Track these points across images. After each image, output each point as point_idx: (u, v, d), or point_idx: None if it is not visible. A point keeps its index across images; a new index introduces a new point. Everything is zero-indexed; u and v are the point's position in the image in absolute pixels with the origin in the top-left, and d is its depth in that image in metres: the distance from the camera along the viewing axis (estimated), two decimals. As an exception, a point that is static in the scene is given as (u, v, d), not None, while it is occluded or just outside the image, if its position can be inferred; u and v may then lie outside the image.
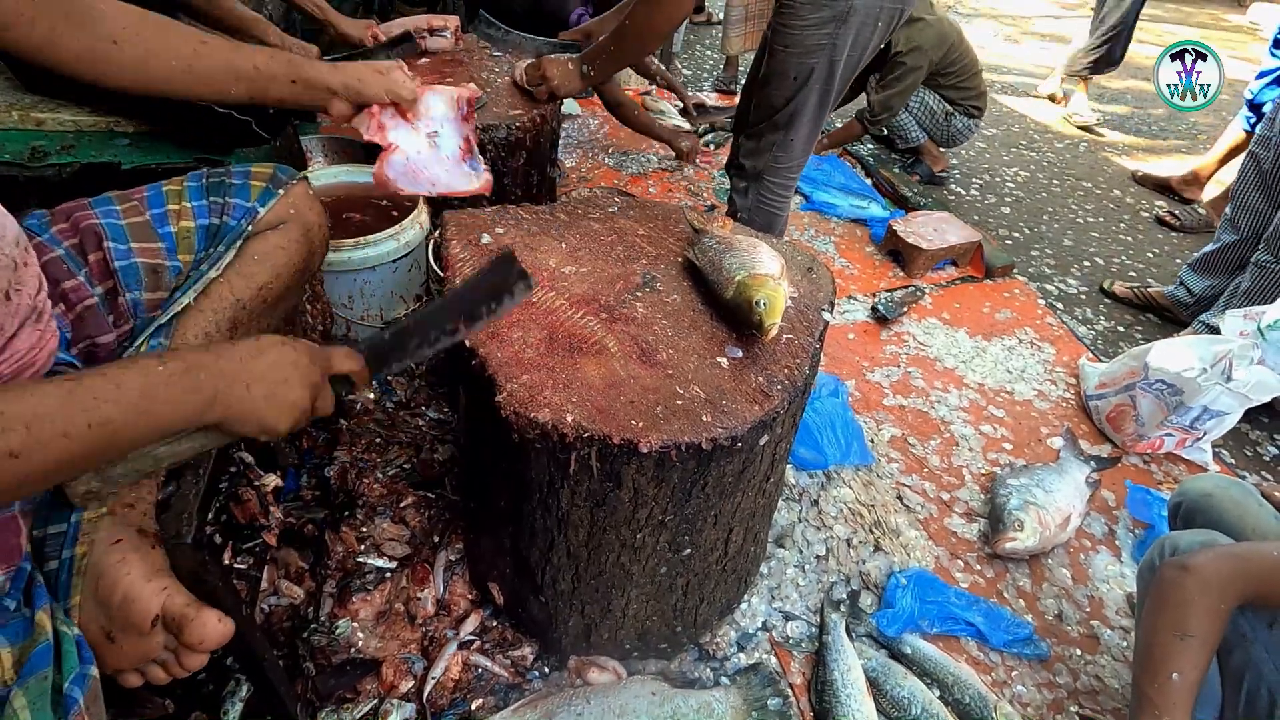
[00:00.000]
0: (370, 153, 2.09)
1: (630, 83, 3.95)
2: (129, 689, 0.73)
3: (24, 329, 0.66)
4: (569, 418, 0.93)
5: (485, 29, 2.12)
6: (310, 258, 1.04)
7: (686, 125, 3.50)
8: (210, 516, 1.04)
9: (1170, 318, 2.59)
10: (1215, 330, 2.15)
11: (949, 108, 3.18)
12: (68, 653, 0.63)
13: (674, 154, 3.01)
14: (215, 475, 1.00)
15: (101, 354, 0.86)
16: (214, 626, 0.69)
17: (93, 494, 0.67)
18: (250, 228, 0.95)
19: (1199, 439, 1.87)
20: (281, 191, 0.99)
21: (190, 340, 0.90)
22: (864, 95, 3.19)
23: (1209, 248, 2.47)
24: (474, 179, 1.14)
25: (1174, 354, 1.83)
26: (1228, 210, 2.41)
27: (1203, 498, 1.23)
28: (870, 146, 3.53)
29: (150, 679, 0.73)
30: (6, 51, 0.83)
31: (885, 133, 3.47)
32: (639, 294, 1.17)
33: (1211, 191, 3.39)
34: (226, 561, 1.20)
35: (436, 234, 1.59)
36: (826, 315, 1.18)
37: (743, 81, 2.15)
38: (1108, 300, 2.73)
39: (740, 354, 1.07)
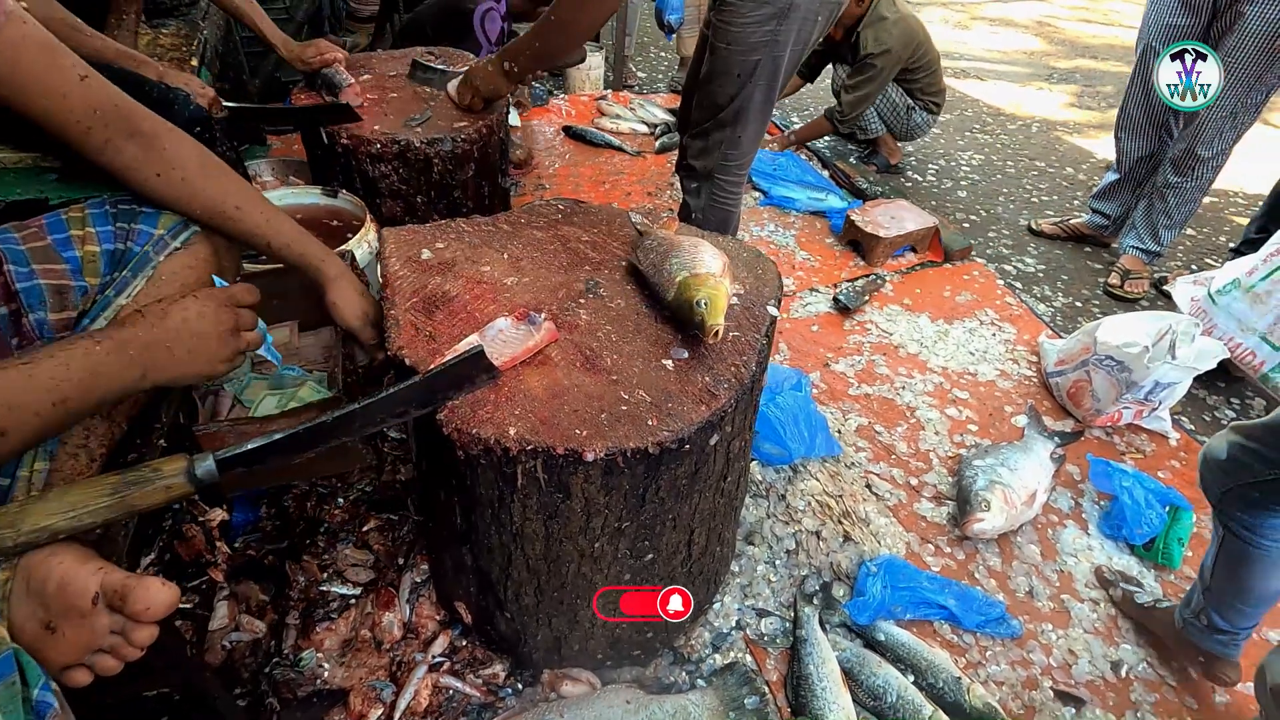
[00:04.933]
0: (318, 175, 2.07)
1: (585, 88, 3.95)
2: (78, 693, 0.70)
3: None
4: (511, 431, 0.92)
5: (421, 74, 2.09)
6: (221, 274, 1.05)
7: (643, 129, 3.51)
8: (153, 556, 1.01)
9: (1096, 241, 2.93)
10: (1168, 296, 2.20)
11: (910, 101, 3.20)
12: (28, 664, 0.61)
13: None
14: (156, 513, 0.97)
15: None
16: (158, 590, 0.66)
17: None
18: (162, 258, 0.96)
19: (1155, 409, 1.90)
20: (192, 226, 1.01)
21: None
22: (810, 82, 3.18)
23: (1105, 182, 2.81)
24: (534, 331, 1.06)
25: (1121, 330, 1.86)
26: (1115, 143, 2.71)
27: None
28: (826, 139, 3.56)
29: (100, 670, 0.68)
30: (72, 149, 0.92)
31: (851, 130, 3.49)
32: (582, 301, 1.16)
33: None
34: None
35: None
36: (773, 310, 1.18)
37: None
38: (1037, 240, 2.97)
39: (686, 355, 1.06)
